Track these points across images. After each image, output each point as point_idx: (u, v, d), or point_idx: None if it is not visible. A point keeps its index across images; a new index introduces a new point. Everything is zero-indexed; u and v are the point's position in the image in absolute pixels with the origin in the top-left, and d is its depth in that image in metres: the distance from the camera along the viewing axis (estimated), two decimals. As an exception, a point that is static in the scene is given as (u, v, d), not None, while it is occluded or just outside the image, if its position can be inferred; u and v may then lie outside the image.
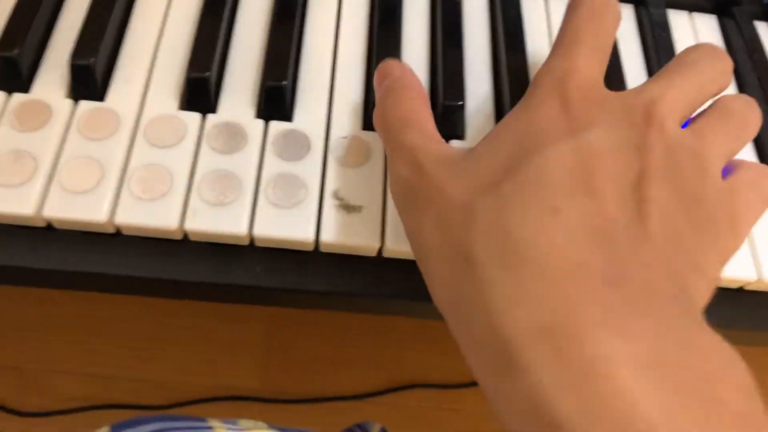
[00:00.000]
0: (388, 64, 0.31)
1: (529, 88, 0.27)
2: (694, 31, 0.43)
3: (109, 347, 0.76)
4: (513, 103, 0.29)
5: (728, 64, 0.29)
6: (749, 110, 0.28)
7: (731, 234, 0.25)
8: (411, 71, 0.31)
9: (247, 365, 0.77)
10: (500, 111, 0.36)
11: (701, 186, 0.24)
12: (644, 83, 0.27)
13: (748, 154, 0.37)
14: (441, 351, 0.81)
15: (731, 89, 0.41)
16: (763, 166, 0.28)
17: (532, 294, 0.21)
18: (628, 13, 0.43)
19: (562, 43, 0.28)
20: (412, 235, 0.27)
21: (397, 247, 0.31)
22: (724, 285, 0.33)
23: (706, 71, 0.28)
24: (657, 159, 0.23)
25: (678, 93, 0.26)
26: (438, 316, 0.37)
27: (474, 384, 0.80)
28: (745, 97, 0.29)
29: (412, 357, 0.81)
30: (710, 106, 0.28)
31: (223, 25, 0.35)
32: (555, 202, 0.23)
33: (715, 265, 0.25)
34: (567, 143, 0.24)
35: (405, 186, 0.27)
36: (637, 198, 0.23)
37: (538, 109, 0.25)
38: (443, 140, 0.28)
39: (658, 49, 0.40)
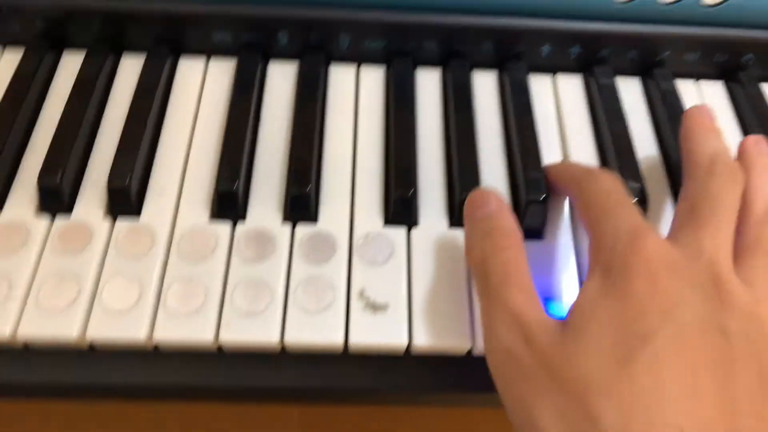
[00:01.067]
0: (483, 194, 0.33)
1: (606, 257, 0.28)
2: (701, 98, 0.44)
3: None
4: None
5: (742, 177, 0.31)
6: None
7: None
8: (506, 205, 0.32)
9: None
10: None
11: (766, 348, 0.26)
12: (688, 231, 0.29)
13: None
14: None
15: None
16: None
17: None
18: (635, 84, 0.44)
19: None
20: (515, 408, 0.27)
21: (425, 344, 0.32)
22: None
23: (731, 198, 0.30)
24: (737, 343, 0.26)
25: (724, 238, 0.29)
26: (463, 403, 0.38)
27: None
28: None
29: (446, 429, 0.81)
30: (753, 244, 0.30)
31: (248, 134, 0.37)
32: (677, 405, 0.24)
33: None
34: (667, 332, 0.25)
35: (508, 355, 0.27)
36: (731, 392, 0.25)
37: (629, 288, 0.26)
38: (539, 301, 0.29)
39: (670, 118, 0.41)
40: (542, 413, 0.25)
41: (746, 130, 0.42)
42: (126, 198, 0.34)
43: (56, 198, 0.34)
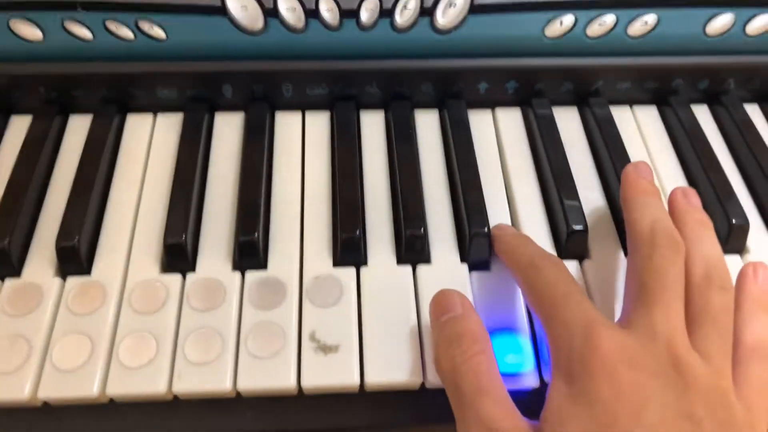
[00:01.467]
0: (447, 297, 0.32)
1: (564, 355, 0.28)
2: (636, 122, 0.46)
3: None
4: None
5: (683, 244, 0.32)
6: (726, 297, 0.31)
7: None
8: (471, 306, 0.32)
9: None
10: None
11: (734, 424, 0.27)
12: (641, 312, 0.29)
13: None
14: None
15: (676, 173, 0.43)
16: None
17: None
18: (572, 113, 0.46)
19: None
20: None
21: (378, 381, 0.32)
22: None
23: (675, 270, 0.30)
24: (706, 428, 0.26)
25: (675, 313, 0.29)
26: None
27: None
28: (718, 281, 0.31)
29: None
30: (701, 314, 0.30)
31: (195, 187, 0.38)
32: None
33: None
34: None
35: None
36: None
37: (594, 393, 0.27)
38: (513, 405, 0.28)
39: (607, 144, 0.43)
40: None
41: (679, 151, 0.44)
42: (75, 256, 0.34)
43: (5, 260, 0.34)
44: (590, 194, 0.41)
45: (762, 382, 0.29)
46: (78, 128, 0.41)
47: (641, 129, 0.46)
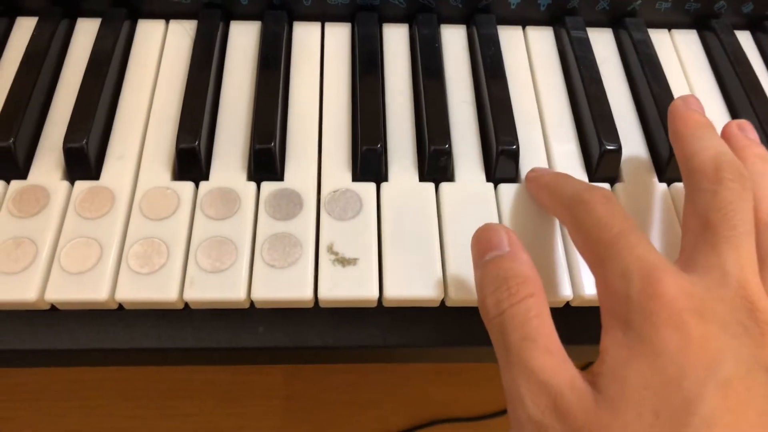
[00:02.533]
0: (492, 232, 0.29)
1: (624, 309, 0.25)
2: (675, 48, 0.43)
3: (126, 407, 0.77)
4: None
5: (749, 180, 0.28)
6: None
7: None
8: (519, 243, 0.28)
9: (268, 416, 0.77)
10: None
11: None
12: (707, 252, 0.26)
13: None
14: (464, 383, 0.80)
15: (718, 102, 0.41)
16: None
17: None
18: (608, 37, 0.43)
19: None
20: None
21: (397, 295, 0.31)
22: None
23: (745, 206, 0.27)
24: None
25: (747, 253, 0.26)
26: (442, 358, 0.37)
27: (499, 413, 0.79)
28: None
29: (435, 392, 0.80)
30: None
31: (210, 93, 0.36)
32: None
33: None
34: (712, 390, 0.23)
35: (535, 426, 0.24)
36: None
37: (658, 343, 0.24)
38: (567, 356, 0.25)
39: (643, 68, 0.40)
40: None
41: (721, 79, 0.42)
42: (83, 160, 0.33)
43: (9, 160, 0.32)
44: (624, 118, 0.39)
45: None
46: (86, 32, 0.39)
47: (680, 54, 0.43)
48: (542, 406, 0.24)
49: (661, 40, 0.43)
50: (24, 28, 0.39)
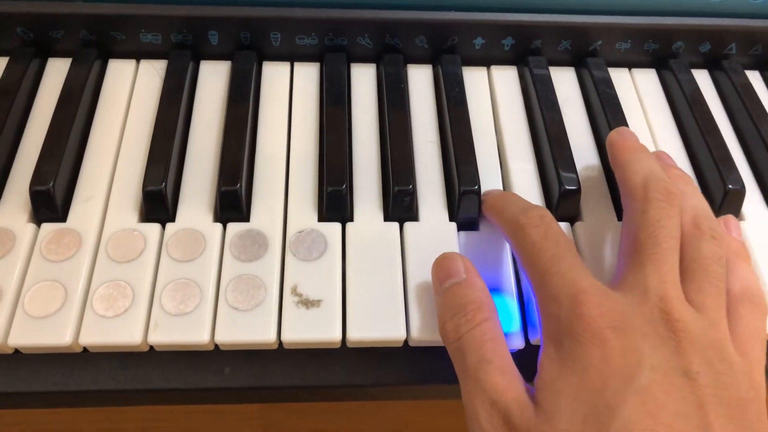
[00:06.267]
0: (450, 260, 0.31)
1: (552, 323, 0.28)
2: (635, 85, 0.45)
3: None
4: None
5: (677, 195, 0.31)
6: (718, 247, 0.30)
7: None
8: (475, 271, 0.31)
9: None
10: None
11: (733, 374, 0.27)
12: (634, 271, 0.29)
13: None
14: (441, 410, 0.80)
15: (674, 137, 0.42)
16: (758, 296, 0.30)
17: None
18: (571, 75, 0.45)
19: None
20: None
21: (360, 337, 0.31)
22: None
23: (671, 223, 0.30)
24: (703, 381, 0.26)
25: (669, 268, 0.28)
26: (410, 395, 0.38)
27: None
28: (712, 230, 0.31)
29: (412, 418, 0.81)
30: (693, 264, 0.30)
31: (178, 134, 0.36)
32: None
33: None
34: (631, 396, 0.25)
35: None
36: (704, 424, 0.25)
37: (584, 359, 0.26)
38: (518, 373, 0.28)
39: (604, 106, 0.42)
40: None
41: (677, 115, 0.43)
42: (49, 201, 0.33)
43: (-24, 205, 0.33)
44: (585, 157, 0.40)
45: (753, 328, 0.29)
46: (56, 72, 0.40)
47: (639, 93, 0.45)
48: (495, 423, 0.27)
49: (621, 78, 0.45)
50: (-6, 68, 0.40)
